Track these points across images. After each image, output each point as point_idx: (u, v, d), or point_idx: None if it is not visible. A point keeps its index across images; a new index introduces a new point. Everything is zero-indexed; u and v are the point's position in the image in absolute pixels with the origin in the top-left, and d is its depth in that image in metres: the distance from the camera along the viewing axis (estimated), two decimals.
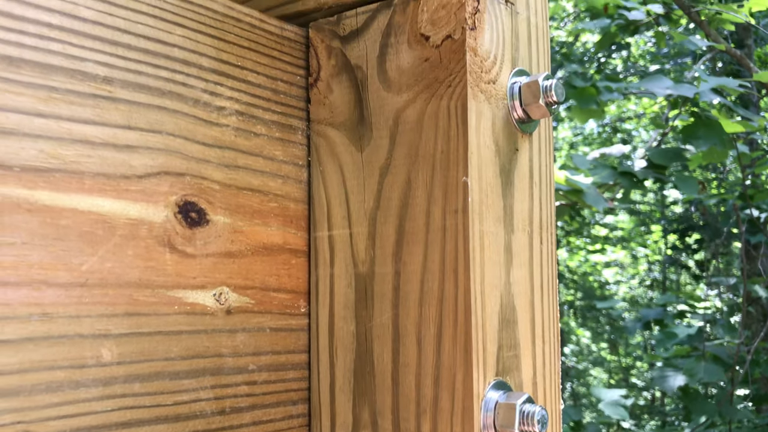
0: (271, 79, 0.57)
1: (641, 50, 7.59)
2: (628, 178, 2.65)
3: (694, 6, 2.67)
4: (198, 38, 0.52)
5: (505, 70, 0.56)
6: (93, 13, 0.46)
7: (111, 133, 0.46)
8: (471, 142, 0.51)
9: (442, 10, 0.53)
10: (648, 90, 2.46)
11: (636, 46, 7.44)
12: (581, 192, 2.32)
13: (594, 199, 2.38)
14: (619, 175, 2.66)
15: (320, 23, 0.60)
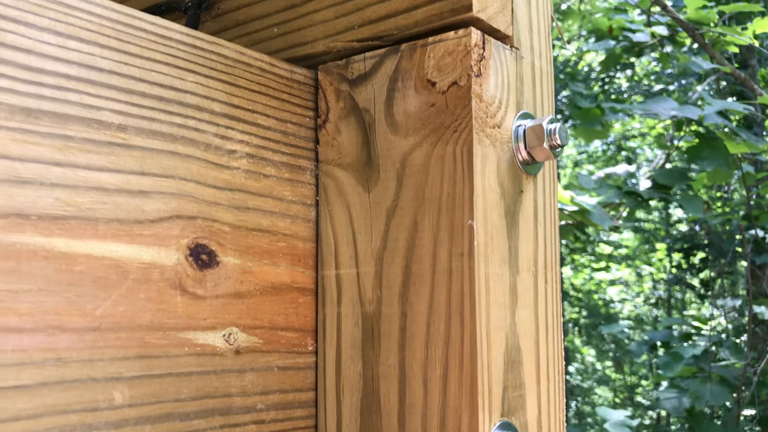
0: (281, 121, 0.58)
1: (645, 70, 7.62)
2: (633, 197, 2.66)
3: (698, 28, 2.69)
4: (210, 84, 0.53)
5: (509, 113, 0.57)
6: (109, 62, 0.47)
7: (125, 179, 0.47)
8: (476, 185, 0.52)
9: (449, 57, 0.54)
10: (652, 111, 2.47)
11: (640, 66, 7.47)
12: (587, 211, 2.33)
13: (600, 218, 2.39)
14: (624, 195, 2.67)
15: (329, 66, 0.61)
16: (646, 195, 2.62)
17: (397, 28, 0.57)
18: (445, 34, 0.55)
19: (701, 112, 2.35)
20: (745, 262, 5.05)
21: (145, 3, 0.74)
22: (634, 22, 2.83)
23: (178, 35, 0.52)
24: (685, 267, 7.90)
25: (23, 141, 0.42)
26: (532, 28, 0.61)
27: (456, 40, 0.54)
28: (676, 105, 2.43)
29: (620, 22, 2.83)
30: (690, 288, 8.67)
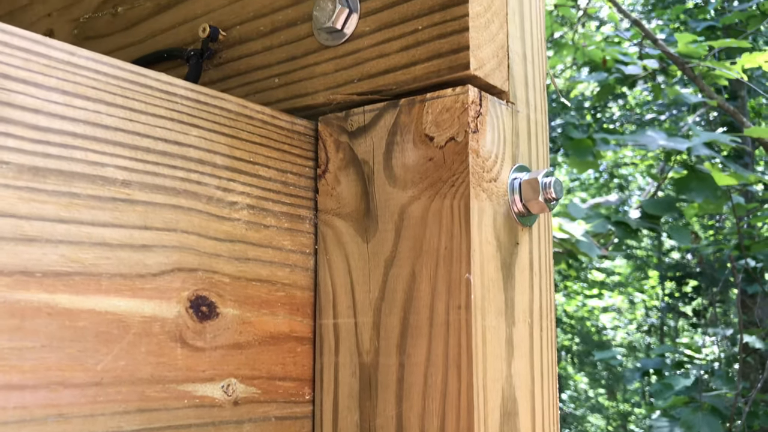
0: (282, 171, 0.59)
1: (638, 99, 7.70)
2: (622, 227, 2.68)
3: (688, 62, 2.73)
4: (213, 137, 0.54)
5: (506, 167, 0.58)
6: (115, 119, 0.48)
7: (128, 234, 0.48)
8: (473, 239, 0.53)
9: (446, 113, 0.55)
10: (641, 143, 2.50)
11: (632, 95, 7.55)
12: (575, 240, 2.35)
13: (588, 247, 2.40)
14: (613, 225, 2.69)
15: (329, 118, 0.62)
16: (634, 225, 2.65)
17: (396, 83, 0.58)
18: (443, 91, 0.56)
19: (689, 143, 2.38)
20: (737, 290, 5.06)
21: (147, 49, 0.76)
22: (627, 54, 2.88)
23: (183, 91, 0.53)
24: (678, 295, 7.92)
25: (30, 199, 0.43)
26: (528, 83, 0.62)
27: (453, 97, 0.55)
28: (664, 137, 2.46)
29: (613, 54, 2.87)
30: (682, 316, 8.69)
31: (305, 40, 0.64)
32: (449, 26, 0.56)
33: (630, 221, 2.62)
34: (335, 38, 0.62)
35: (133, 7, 0.78)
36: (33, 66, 0.44)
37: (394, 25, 0.59)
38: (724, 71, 2.62)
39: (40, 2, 0.88)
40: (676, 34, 2.73)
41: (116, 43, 0.79)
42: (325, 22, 0.61)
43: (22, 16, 0.90)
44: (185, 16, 0.73)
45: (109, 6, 0.80)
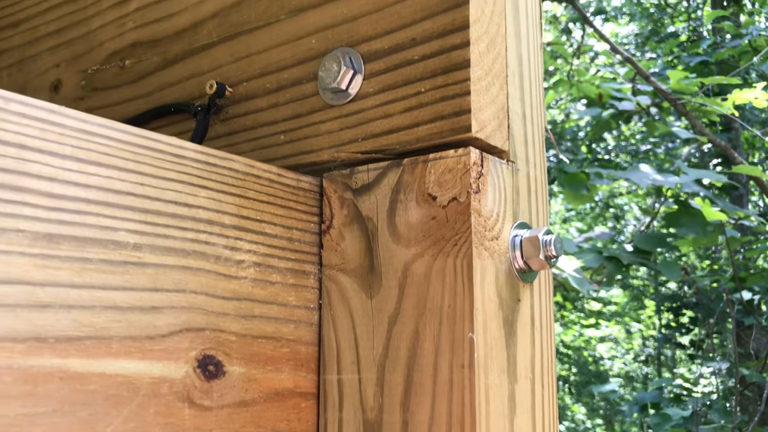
0: (287, 228, 0.60)
1: (632, 130, 7.78)
2: (613, 262, 2.70)
3: (680, 98, 2.77)
4: (221, 198, 0.55)
5: (507, 225, 0.59)
6: (126, 184, 0.49)
7: (138, 296, 0.49)
8: (476, 298, 0.54)
9: (449, 173, 0.57)
10: (633, 180, 2.53)
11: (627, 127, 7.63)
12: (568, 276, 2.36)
13: (580, 283, 2.41)
14: (604, 260, 2.71)
15: (333, 174, 0.63)
16: (626, 260, 2.66)
17: (399, 143, 0.60)
18: (445, 152, 0.57)
19: (679, 180, 2.41)
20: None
21: (154, 102, 0.77)
22: (621, 90, 2.92)
23: (192, 153, 0.54)
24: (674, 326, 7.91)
25: (44, 266, 0.44)
26: (527, 141, 0.64)
27: (456, 159, 0.57)
28: (655, 173, 2.49)
29: (607, 90, 2.91)
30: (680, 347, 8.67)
31: (311, 99, 0.66)
32: (451, 89, 0.58)
33: (621, 256, 2.64)
34: (340, 98, 0.63)
35: (141, 60, 0.80)
36: (49, 135, 0.46)
37: (398, 87, 0.61)
38: (715, 107, 2.66)
39: (49, 53, 0.90)
40: (669, 71, 2.78)
41: (124, 95, 0.81)
42: (330, 82, 0.63)
43: (30, 66, 0.92)
44: (192, 71, 0.75)
45: (116, 58, 0.82)
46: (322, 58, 0.65)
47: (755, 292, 4.36)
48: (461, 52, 0.58)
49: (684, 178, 2.39)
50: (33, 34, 0.92)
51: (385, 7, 0.62)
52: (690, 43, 6.70)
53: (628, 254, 2.67)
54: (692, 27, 7.62)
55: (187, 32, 0.76)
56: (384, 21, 0.62)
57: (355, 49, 0.63)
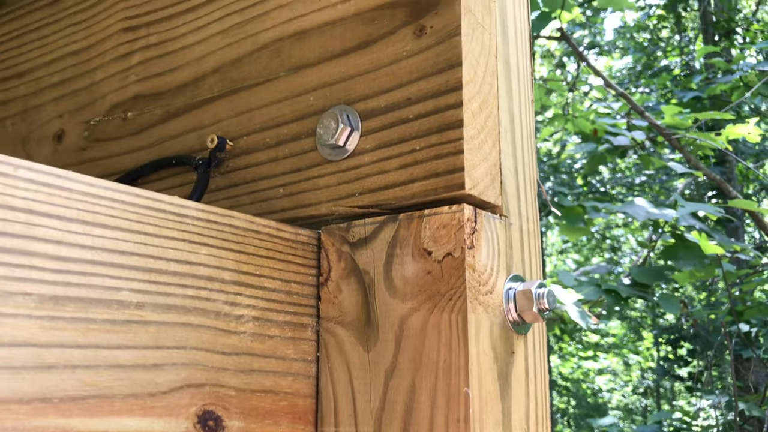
0: (286, 282, 0.62)
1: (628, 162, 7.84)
2: (612, 295, 2.71)
3: (674, 133, 2.80)
4: (221, 254, 0.57)
5: (500, 278, 0.61)
6: (130, 245, 0.51)
7: (141, 354, 0.50)
8: (471, 352, 0.55)
9: (443, 229, 0.58)
10: (629, 214, 2.56)
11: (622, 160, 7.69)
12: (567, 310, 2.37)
13: (580, 317, 2.42)
14: (603, 292, 2.72)
15: (331, 228, 0.65)
16: (624, 293, 2.67)
17: (395, 198, 0.61)
18: (439, 208, 0.59)
19: (675, 214, 2.44)
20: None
21: (156, 154, 0.79)
22: (616, 125, 2.96)
23: (194, 212, 0.56)
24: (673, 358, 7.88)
25: (50, 328, 0.45)
26: (519, 196, 0.66)
27: (450, 215, 0.58)
28: (651, 206, 2.52)
29: (602, 125, 2.95)
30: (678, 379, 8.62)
31: (309, 154, 0.67)
32: (445, 148, 0.60)
33: (620, 289, 2.65)
34: (338, 153, 0.65)
35: (143, 113, 0.82)
36: (56, 200, 0.47)
37: (394, 144, 0.62)
38: (709, 142, 2.69)
39: (53, 103, 0.92)
40: (663, 106, 2.82)
41: (126, 147, 0.83)
42: (328, 139, 0.65)
43: (34, 116, 0.94)
44: (194, 124, 0.77)
45: (119, 110, 0.84)
46: (320, 114, 0.67)
47: (753, 325, 4.36)
48: (455, 112, 0.60)
49: (681, 211, 2.42)
50: (37, 85, 0.94)
51: (381, 67, 0.65)
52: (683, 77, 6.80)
53: (626, 287, 2.68)
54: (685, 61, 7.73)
55: (189, 86, 0.78)
56: (380, 80, 0.64)
57: (353, 106, 0.65)
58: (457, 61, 0.60)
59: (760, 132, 2.61)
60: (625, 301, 2.67)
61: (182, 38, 0.80)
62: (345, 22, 0.68)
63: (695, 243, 2.44)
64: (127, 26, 0.86)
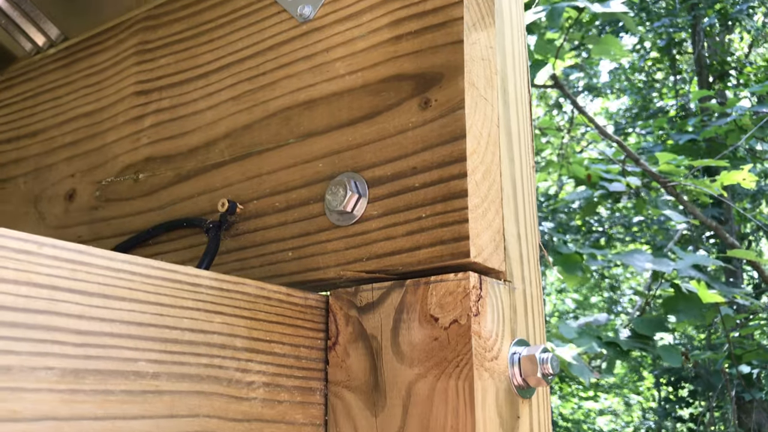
0: (295, 346, 0.63)
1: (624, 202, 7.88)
2: (612, 347, 2.71)
3: (670, 180, 2.84)
4: (234, 322, 0.58)
5: (505, 343, 0.62)
6: (147, 316, 0.52)
7: (155, 424, 0.51)
8: (478, 419, 0.57)
9: (449, 296, 0.60)
10: (628, 264, 2.58)
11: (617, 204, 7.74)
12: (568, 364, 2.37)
13: (580, 371, 2.42)
14: (603, 345, 2.72)
15: (339, 292, 0.67)
16: (625, 346, 2.68)
17: (402, 264, 0.63)
18: (445, 275, 0.61)
19: (674, 265, 2.46)
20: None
21: (167, 216, 0.81)
22: (610, 171, 3.00)
23: (208, 281, 0.57)
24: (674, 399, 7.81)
25: (70, 401, 0.47)
26: (523, 260, 0.67)
27: (456, 282, 0.60)
28: (650, 258, 2.54)
29: (596, 171, 2.99)
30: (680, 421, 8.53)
31: (318, 219, 0.69)
32: (450, 216, 0.62)
33: (621, 342, 2.65)
34: (346, 219, 0.67)
35: (154, 174, 0.84)
36: (78, 275, 0.49)
37: (400, 211, 0.64)
38: (704, 189, 2.73)
39: (65, 163, 0.94)
40: (657, 153, 2.87)
41: (137, 208, 0.85)
42: (336, 205, 0.67)
43: (47, 175, 0.96)
44: (204, 187, 0.79)
45: (131, 171, 0.87)
46: (329, 180, 0.69)
47: (754, 366, 4.35)
48: (459, 182, 0.62)
49: (680, 263, 2.44)
50: (50, 145, 0.97)
51: (387, 137, 0.67)
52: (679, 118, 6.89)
53: (627, 340, 2.68)
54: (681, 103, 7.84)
55: (200, 150, 0.81)
56: (387, 150, 0.67)
57: (360, 174, 0.68)
58: (461, 134, 0.63)
59: (754, 178, 2.64)
60: (626, 354, 2.67)
61: (194, 103, 0.83)
62: (353, 93, 0.70)
63: (694, 293, 2.45)
64: (139, 90, 0.89)
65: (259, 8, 0.80)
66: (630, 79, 9.38)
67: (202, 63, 0.83)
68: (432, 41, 0.66)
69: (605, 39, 2.75)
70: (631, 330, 2.78)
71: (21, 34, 1.28)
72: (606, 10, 2.23)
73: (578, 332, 2.67)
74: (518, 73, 0.74)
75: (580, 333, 2.66)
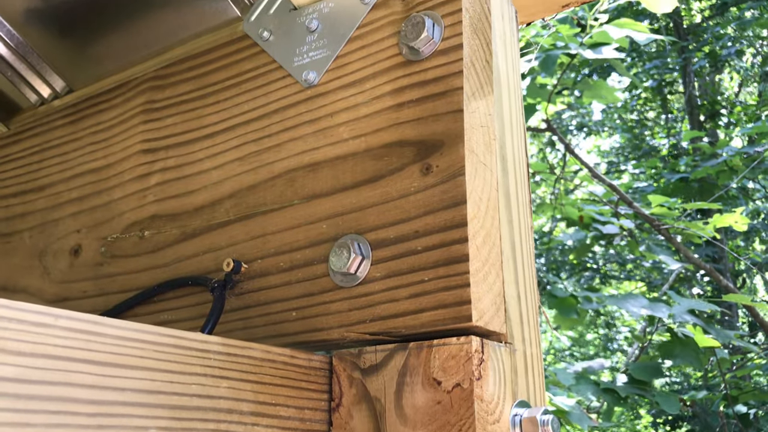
0: (299, 409, 0.64)
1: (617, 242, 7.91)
2: (610, 394, 2.71)
3: (662, 223, 2.88)
4: (240, 386, 0.60)
5: (507, 405, 0.63)
6: (157, 384, 0.54)
7: None
8: None
9: (452, 360, 0.61)
10: (623, 308, 2.59)
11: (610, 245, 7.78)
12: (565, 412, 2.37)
13: (579, 418, 2.41)
14: (601, 392, 2.71)
15: (343, 353, 0.68)
16: (623, 392, 2.68)
17: (405, 327, 0.65)
18: (448, 339, 0.62)
19: (670, 310, 2.48)
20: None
21: (172, 273, 0.83)
22: (603, 213, 3.04)
23: (216, 346, 0.59)
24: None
25: None
26: (522, 321, 0.69)
27: (458, 346, 0.61)
28: (646, 302, 2.56)
29: (589, 213, 3.03)
30: None
31: (321, 279, 0.71)
32: (452, 281, 0.63)
33: (618, 388, 2.65)
34: (349, 281, 0.69)
35: (160, 232, 0.86)
36: (92, 345, 0.50)
37: (403, 273, 0.66)
38: (697, 232, 2.76)
39: (71, 218, 0.96)
40: (650, 195, 2.91)
41: (142, 264, 0.86)
42: (340, 267, 0.68)
43: (52, 229, 0.98)
44: (209, 246, 0.81)
45: (136, 229, 0.88)
46: (332, 242, 0.71)
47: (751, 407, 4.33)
48: (460, 246, 0.64)
49: (675, 308, 2.46)
50: (56, 200, 0.99)
51: (390, 201, 0.69)
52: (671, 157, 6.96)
53: (624, 386, 2.68)
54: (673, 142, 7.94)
55: (206, 209, 0.82)
56: (389, 213, 0.69)
57: (364, 236, 0.69)
58: (462, 199, 0.65)
59: (746, 221, 2.68)
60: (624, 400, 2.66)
61: (200, 163, 0.85)
62: (356, 156, 0.73)
63: (690, 338, 2.47)
64: (146, 148, 0.91)
65: (264, 72, 0.83)
66: (622, 117, 9.51)
67: (208, 123, 0.86)
68: (433, 109, 0.69)
69: (596, 84, 2.81)
70: (628, 375, 2.78)
71: (26, 85, 1.31)
72: (598, 57, 2.28)
73: (575, 377, 2.67)
74: (516, 137, 0.76)
75: (578, 378, 2.66)
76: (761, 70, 8.16)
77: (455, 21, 0.70)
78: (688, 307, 2.50)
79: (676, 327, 2.55)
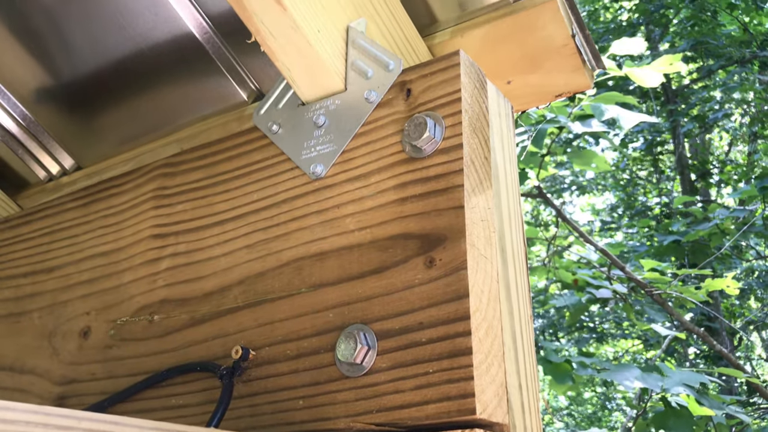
0: None
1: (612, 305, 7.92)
2: None
3: (655, 288, 2.91)
4: None
5: None
6: None
7: None
8: None
9: None
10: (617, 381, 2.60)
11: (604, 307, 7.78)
12: None
13: None
14: None
15: None
16: None
17: (411, 418, 0.67)
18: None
19: (663, 381, 2.48)
20: None
21: (180, 358, 0.84)
22: (597, 277, 3.07)
23: None
24: None
25: None
26: (524, 410, 0.71)
27: None
28: (638, 373, 2.56)
29: (583, 277, 3.06)
30: None
31: (328, 368, 0.73)
32: (456, 373, 0.65)
33: None
34: (355, 370, 0.71)
35: (169, 317, 0.88)
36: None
37: (408, 365, 0.68)
38: (690, 298, 2.79)
39: (80, 300, 0.98)
40: (642, 260, 2.95)
41: (151, 348, 0.88)
42: (347, 357, 0.70)
43: (61, 311, 1.00)
44: (218, 332, 0.83)
45: (145, 313, 0.91)
46: (339, 330, 0.73)
47: None
48: (464, 339, 0.66)
49: (668, 382, 2.46)
50: (66, 281, 1.01)
51: (395, 292, 0.72)
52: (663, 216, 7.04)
53: None
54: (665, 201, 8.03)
55: (215, 295, 0.85)
56: (394, 304, 0.71)
57: (369, 326, 0.72)
58: (465, 293, 0.68)
59: (737, 285, 2.71)
60: None
61: (209, 249, 0.88)
62: (362, 247, 0.76)
63: (685, 407, 2.47)
64: (156, 233, 0.94)
65: (273, 163, 0.87)
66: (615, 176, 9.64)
67: (218, 211, 0.89)
68: (435, 205, 0.72)
69: (586, 152, 2.88)
70: None
71: (36, 162, 1.35)
72: (587, 130, 2.35)
73: None
74: (514, 228, 0.80)
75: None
76: (749, 130, 8.33)
77: (456, 122, 0.74)
78: (681, 380, 2.50)
79: (669, 396, 2.55)
